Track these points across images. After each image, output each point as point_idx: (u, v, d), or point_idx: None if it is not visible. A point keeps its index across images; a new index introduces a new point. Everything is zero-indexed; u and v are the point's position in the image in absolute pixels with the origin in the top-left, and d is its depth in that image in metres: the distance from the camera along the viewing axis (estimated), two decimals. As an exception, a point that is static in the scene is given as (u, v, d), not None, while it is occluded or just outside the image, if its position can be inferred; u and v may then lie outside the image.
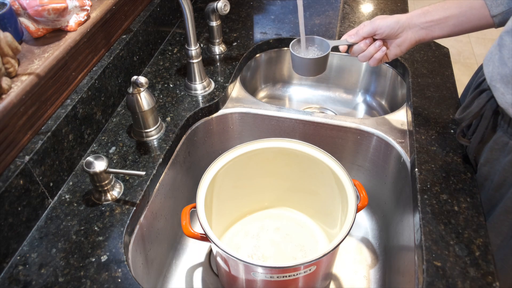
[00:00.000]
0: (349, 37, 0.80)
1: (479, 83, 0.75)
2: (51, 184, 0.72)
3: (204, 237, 0.71)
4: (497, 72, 0.64)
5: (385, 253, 0.92)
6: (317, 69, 0.85)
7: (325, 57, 0.83)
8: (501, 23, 0.68)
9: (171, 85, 0.97)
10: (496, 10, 0.68)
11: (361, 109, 1.21)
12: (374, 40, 0.79)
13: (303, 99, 1.24)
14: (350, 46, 0.81)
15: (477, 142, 0.72)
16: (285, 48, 1.16)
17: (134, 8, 0.96)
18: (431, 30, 0.74)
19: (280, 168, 0.88)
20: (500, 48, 0.64)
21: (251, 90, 1.19)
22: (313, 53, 0.86)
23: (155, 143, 0.83)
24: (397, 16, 0.76)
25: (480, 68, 0.81)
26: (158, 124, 0.84)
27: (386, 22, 0.75)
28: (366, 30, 0.77)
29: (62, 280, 0.62)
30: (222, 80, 0.99)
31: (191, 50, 0.89)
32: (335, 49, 0.86)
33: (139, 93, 0.78)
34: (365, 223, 1.00)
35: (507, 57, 0.62)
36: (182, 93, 0.95)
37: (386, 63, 1.09)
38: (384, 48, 0.78)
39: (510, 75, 0.61)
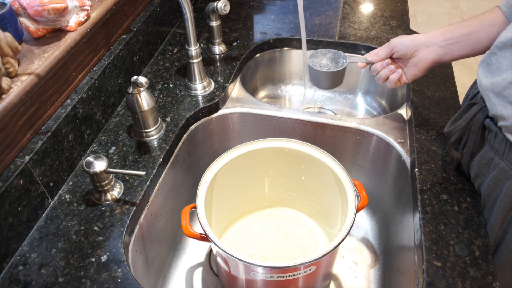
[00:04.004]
0: (370, 56, 0.81)
1: (473, 95, 0.74)
2: (51, 184, 0.72)
3: (204, 237, 0.71)
4: (490, 81, 0.62)
5: (385, 253, 0.92)
6: (333, 82, 0.86)
7: (342, 71, 0.84)
8: None
9: (171, 85, 0.97)
10: None
11: (361, 109, 1.21)
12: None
13: (303, 99, 1.24)
14: (370, 64, 0.82)
15: (468, 155, 0.70)
16: (285, 48, 1.16)
17: (134, 8, 0.96)
18: (451, 49, 0.72)
19: (280, 168, 0.88)
20: (491, 58, 0.63)
21: (251, 90, 1.19)
22: (331, 65, 0.86)
23: (155, 143, 0.83)
24: (415, 35, 0.76)
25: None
26: (158, 124, 0.84)
27: (401, 41, 0.76)
28: (384, 51, 0.79)
29: (62, 280, 0.62)
30: (222, 80, 0.99)
31: (191, 50, 0.89)
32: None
33: (139, 93, 0.78)
34: (365, 223, 1.00)
35: (496, 67, 0.61)
36: (182, 93, 0.95)
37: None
38: (399, 70, 0.79)
39: (500, 86, 0.60)
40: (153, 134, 0.84)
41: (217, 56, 1.07)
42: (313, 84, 0.88)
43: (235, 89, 1.02)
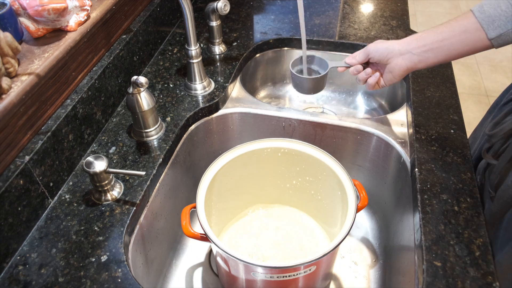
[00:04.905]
0: (349, 59, 0.83)
1: (510, 99, 0.72)
2: (51, 184, 0.72)
3: (204, 237, 0.71)
4: None
5: (385, 253, 0.92)
6: (315, 88, 0.88)
7: (324, 77, 0.87)
8: (500, 45, 0.66)
9: (171, 85, 0.97)
10: (493, 32, 0.65)
11: (361, 109, 1.21)
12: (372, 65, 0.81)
13: (303, 99, 1.24)
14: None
15: (506, 161, 0.68)
16: (285, 48, 1.16)
17: (134, 8, 0.96)
18: (425, 56, 0.72)
19: (280, 168, 0.88)
20: None
21: (251, 90, 1.19)
22: (313, 71, 0.89)
23: (155, 143, 0.83)
24: (390, 42, 0.77)
25: None
26: (158, 124, 0.84)
27: (376, 47, 0.77)
28: (360, 56, 0.81)
29: (62, 280, 0.62)
30: (222, 80, 0.99)
31: (191, 50, 0.89)
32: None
33: (139, 93, 0.78)
34: (365, 223, 1.00)
35: None
36: (182, 93, 0.95)
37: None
38: (377, 74, 0.80)
39: None
40: (153, 134, 0.84)
41: (217, 56, 1.07)
42: (296, 90, 0.90)
43: (235, 89, 1.02)
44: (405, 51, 0.74)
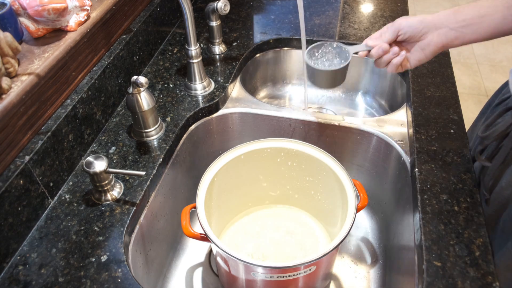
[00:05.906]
0: (371, 40, 0.73)
1: (502, 100, 0.71)
2: (51, 184, 0.72)
3: (204, 237, 0.71)
4: None
5: (385, 253, 0.92)
6: (336, 81, 0.78)
7: (345, 68, 0.75)
8: None
9: (171, 85, 0.97)
10: None
11: (361, 109, 1.21)
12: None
13: (303, 99, 1.24)
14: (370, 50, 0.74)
15: (499, 163, 0.67)
16: (285, 48, 1.16)
17: (134, 8, 0.96)
18: (463, 32, 0.65)
19: (280, 168, 0.88)
20: None
21: (251, 90, 1.19)
22: (330, 61, 0.78)
23: (155, 143, 0.83)
24: (422, 16, 0.69)
25: (504, 85, 0.79)
26: (158, 124, 0.84)
27: (408, 22, 0.69)
28: (388, 34, 0.71)
29: (62, 280, 0.62)
30: (222, 80, 0.99)
31: (191, 50, 0.89)
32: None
33: (139, 93, 0.78)
34: (365, 223, 1.00)
35: None
36: (182, 93, 0.95)
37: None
38: (403, 52, 0.72)
39: None
40: (153, 134, 0.84)
41: (217, 56, 1.07)
42: (312, 84, 0.80)
43: (235, 89, 1.02)
44: (442, 25, 0.66)
